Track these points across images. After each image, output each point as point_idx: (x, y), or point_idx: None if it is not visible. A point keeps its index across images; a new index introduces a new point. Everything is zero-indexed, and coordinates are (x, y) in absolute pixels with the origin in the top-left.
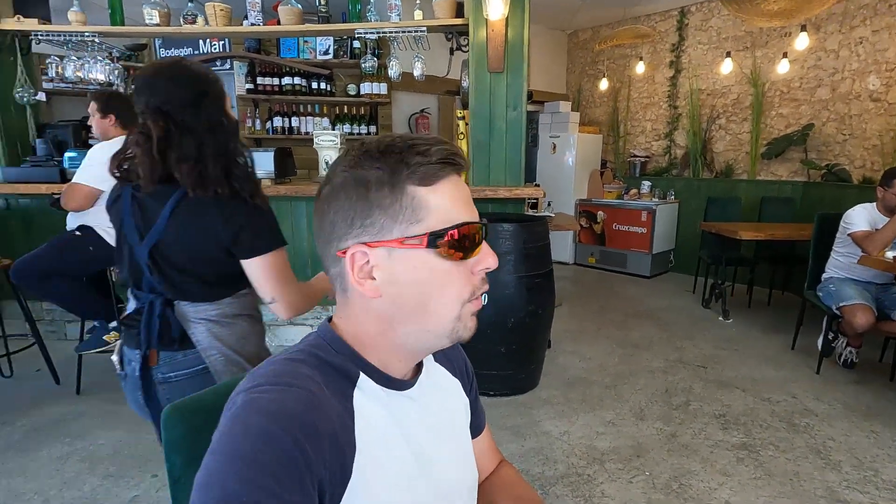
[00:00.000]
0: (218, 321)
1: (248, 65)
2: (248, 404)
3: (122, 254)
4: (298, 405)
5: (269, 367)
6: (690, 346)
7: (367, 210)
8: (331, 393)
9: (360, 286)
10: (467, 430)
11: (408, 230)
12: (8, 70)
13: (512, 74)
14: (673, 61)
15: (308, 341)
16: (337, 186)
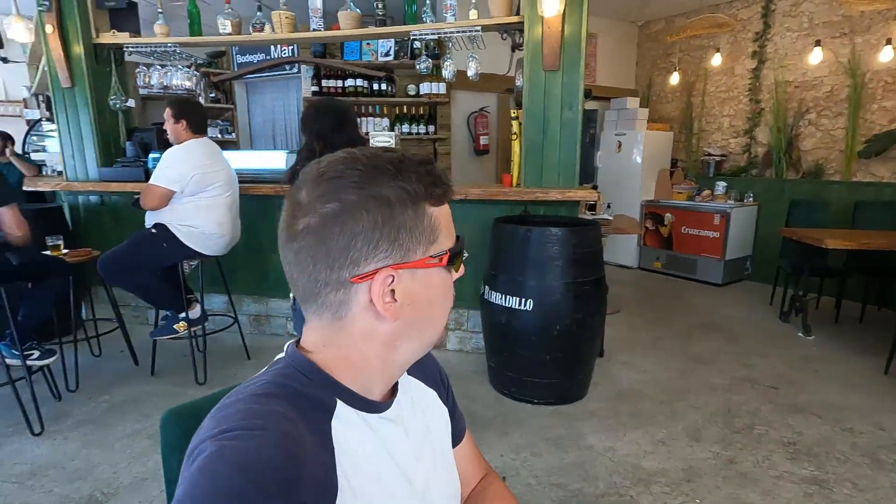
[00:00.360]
0: None
1: (313, 68)
2: (218, 454)
3: None
4: (273, 453)
5: (236, 406)
6: (762, 364)
7: (394, 231)
8: (307, 428)
9: (385, 310)
10: (449, 442)
11: (429, 250)
12: (104, 79)
13: (568, 72)
14: (756, 51)
15: (276, 370)
16: (351, 205)
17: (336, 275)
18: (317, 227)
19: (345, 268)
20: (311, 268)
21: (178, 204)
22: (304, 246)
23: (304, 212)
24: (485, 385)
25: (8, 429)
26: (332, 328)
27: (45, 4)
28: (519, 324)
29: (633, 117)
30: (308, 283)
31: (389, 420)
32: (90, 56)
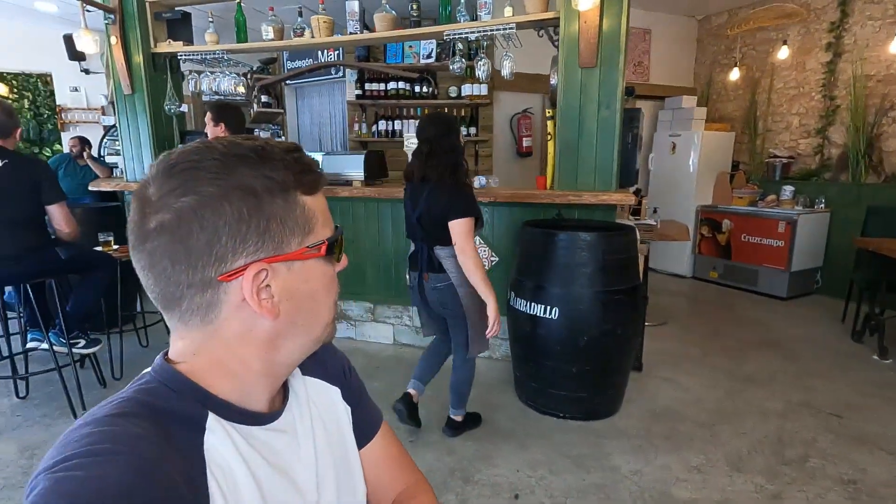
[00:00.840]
0: (451, 257)
1: (357, 72)
2: (52, 489)
3: (408, 220)
4: (122, 479)
5: (84, 429)
6: (825, 388)
7: (263, 222)
8: (172, 449)
9: (260, 308)
10: (352, 445)
11: (304, 240)
12: (161, 86)
13: (606, 69)
14: (831, 43)
15: (138, 386)
16: (211, 198)
17: (200, 275)
18: (172, 225)
19: (209, 266)
20: (170, 270)
21: None
22: (159, 246)
23: (154, 209)
24: (509, 395)
25: (55, 412)
26: (203, 333)
27: (110, 17)
28: (544, 333)
29: (690, 117)
30: (167, 286)
31: (275, 430)
32: (148, 64)
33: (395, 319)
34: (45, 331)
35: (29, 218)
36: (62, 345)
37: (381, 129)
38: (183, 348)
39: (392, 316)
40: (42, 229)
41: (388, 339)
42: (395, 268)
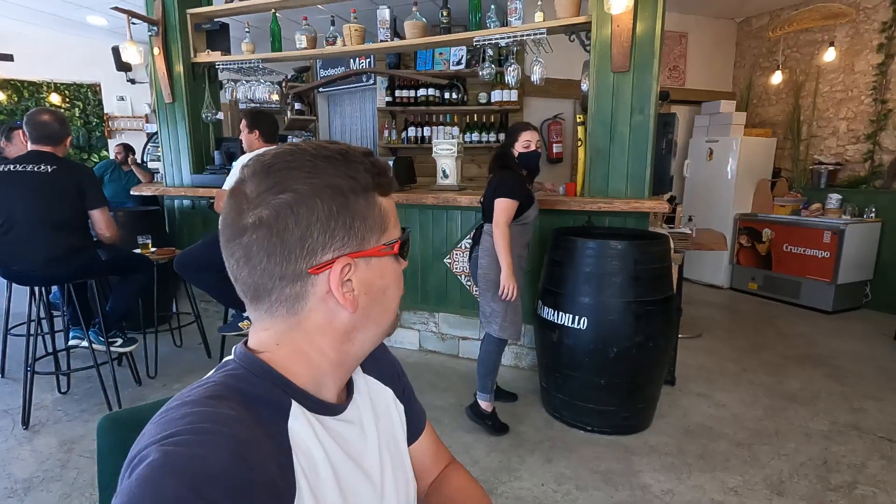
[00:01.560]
0: (489, 233)
1: (388, 79)
2: (162, 462)
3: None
4: (223, 460)
5: (183, 408)
6: (875, 410)
7: (349, 219)
8: (262, 431)
9: (343, 300)
10: (405, 440)
11: (381, 238)
12: (199, 95)
13: (639, 73)
14: (883, 44)
15: (226, 371)
16: (305, 195)
17: (292, 267)
18: (270, 220)
19: (301, 259)
20: (265, 262)
21: None
22: (256, 240)
23: (252, 205)
24: (535, 406)
25: (94, 407)
26: (287, 324)
27: (153, 30)
28: (572, 343)
29: (728, 122)
30: (261, 278)
31: (348, 422)
32: (188, 74)
33: (420, 325)
34: (85, 329)
35: (74, 221)
36: (101, 343)
37: (411, 135)
38: (266, 339)
39: (418, 322)
40: (86, 232)
41: (414, 344)
42: (421, 273)
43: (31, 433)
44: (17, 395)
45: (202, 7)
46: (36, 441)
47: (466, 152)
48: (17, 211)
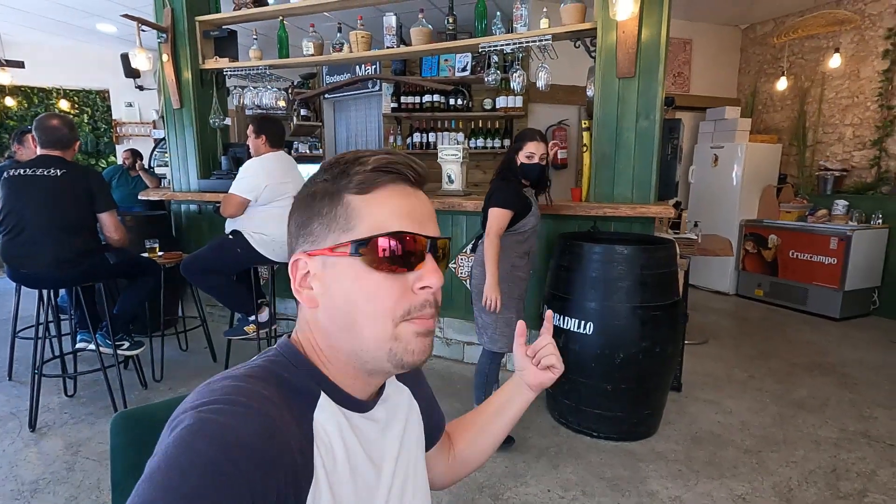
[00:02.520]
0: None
1: (394, 85)
2: (198, 427)
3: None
4: (254, 433)
5: (224, 381)
6: (885, 417)
7: (308, 220)
8: (290, 415)
9: (299, 294)
10: (423, 444)
11: (339, 238)
12: (207, 101)
13: (645, 79)
14: (889, 50)
15: (267, 356)
16: (295, 204)
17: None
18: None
19: (290, 256)
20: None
21: (253, 213)
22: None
23: None
24: (542, 412)
25: (100, 410)
26: (301, 316)
27: (162, 37)
28: (578, 348)
29: (733, 128)
30: None
31: (373, 420)
32: (196, 80)
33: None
34: (92, 332)
35: (83, 224)
36: (108, 346)
37: (416, 141)
38: (297, 328)
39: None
40: (94, 235)
41: None
42: None
43: (38, 436)
44: (25, 398)
45: (211, 14)
46: (42, 443)
47: (471, 158)
48: (28, 214)
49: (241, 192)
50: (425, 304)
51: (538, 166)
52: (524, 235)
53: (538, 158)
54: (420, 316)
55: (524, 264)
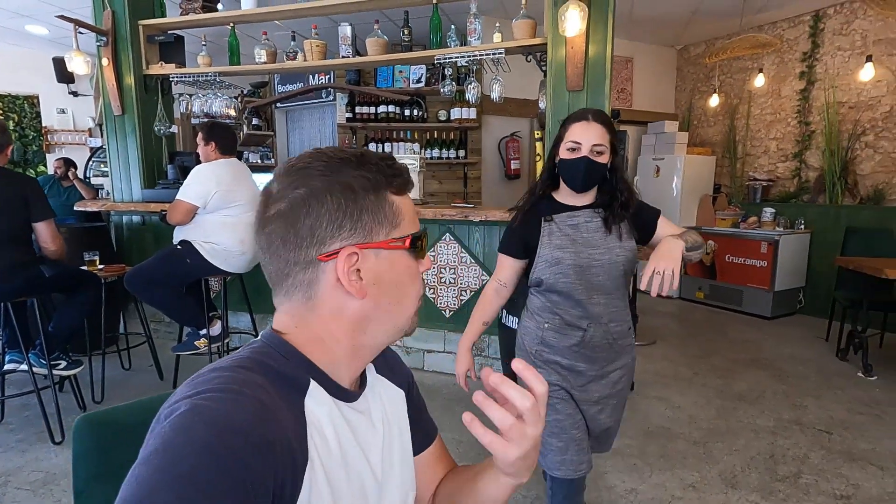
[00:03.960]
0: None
1: (348, 95)
2: (193, 412)
3: None
4: (248, 417)
5: (213, 373)
6: (814, 406)
7: (356, 213)
8: (282, 402)
9: (351, 286)
10: (409, 444)
11: (391, 233)
12: (152, 108)
13: (592, 93)
14: (804, 72)
15: (253, 347)
16: (318, 190)
17: (304, 254)
18: (286, 211)
19: (312, 247)
20: (281, 249)
21: (203, 221)
22: (275, 229)
23: (274, 199)
24: None
25: (32, 436)
26: (304, 308)
27: (102, 40)
28: None
29: (672, 141)
30: (278, 264)
31: (358, 411)
32: (140, 86)
33: None
34: (24, 351)
35: (17, 234)
36: (42, 366)
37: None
38: (287, 321)
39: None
40: (29, 246)
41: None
42: None
43: None
44: None
45: (155, 19)
46: None
47: (427, 168)
48: None
49: (188, 198)
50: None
51: (583, 163)
52: (548, 296)
53: (588, 150)
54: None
55: (567, 346)
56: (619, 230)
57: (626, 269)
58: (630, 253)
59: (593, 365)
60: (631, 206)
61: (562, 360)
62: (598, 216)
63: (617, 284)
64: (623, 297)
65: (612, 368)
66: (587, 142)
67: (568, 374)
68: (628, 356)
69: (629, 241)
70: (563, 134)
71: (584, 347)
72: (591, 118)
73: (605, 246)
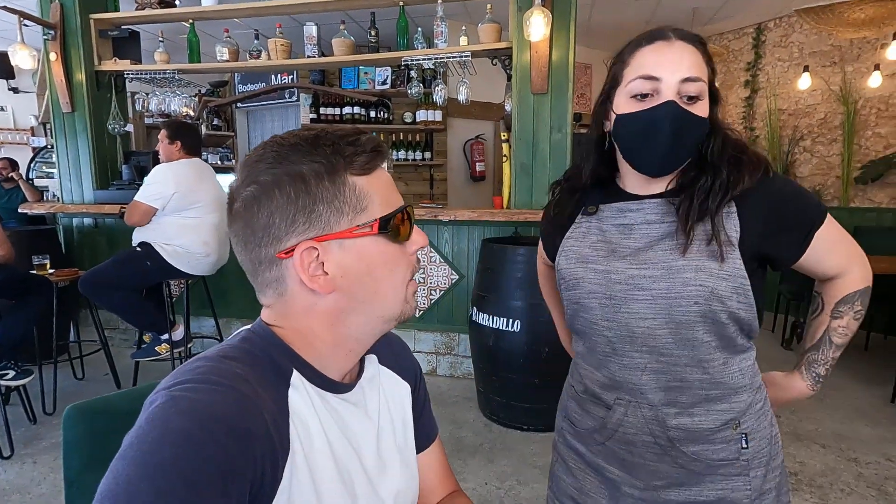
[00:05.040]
0: None
1: (312, 96)
2: (169, 404)
3: None
4: (227, 408)
5: (197, 363)
6: None
7: (310, 205)
8: (265, 393)
9: (314, 283)
10: (412, 440)
11: (355, 219)
12: (105, 105)
13: (556, 96)
14: (749, 81)
15: (241, 337)
16: (266, 185)
17: (264, 252)
18: (241, 211)
19: (270, 245)
20: (244, 249)
21: (164, 222)
22: (236, 230)
23: (233, 198)
24: (473, 411)
25: None
26: (279, 304)
27: (50, 33)
28: (506, 346)
29: None
30: (247, 263)
31: (350, 403)
32: (91, 82)
33: None
34: None
35: None
36: None
37: None
38: (270, 314)
39: None
40: None
41: None
42: None
43: None
44: None
45: (108, 13)
46: None
47: (394, 169)
48: None
49: (146, 199)
50: (417, 264)
51: (667, 114)
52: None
53: (673, 91)
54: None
55: (587, 431)
56: (705, 238)
57: (712, 313)
58: (725, 283)
59: (631, 476)
60: (737, 188)
61: (585, 451)
62: (670, 214)
63: (686, 339)
64: (709, 369)
65: (680, 499)
66: (672, 73)
67: (597, 478)
68: (727, 486)
69: (725, 260)
70: (620, 70)
71: (612, 440)
72: (672, 36)
73: (665, 264)
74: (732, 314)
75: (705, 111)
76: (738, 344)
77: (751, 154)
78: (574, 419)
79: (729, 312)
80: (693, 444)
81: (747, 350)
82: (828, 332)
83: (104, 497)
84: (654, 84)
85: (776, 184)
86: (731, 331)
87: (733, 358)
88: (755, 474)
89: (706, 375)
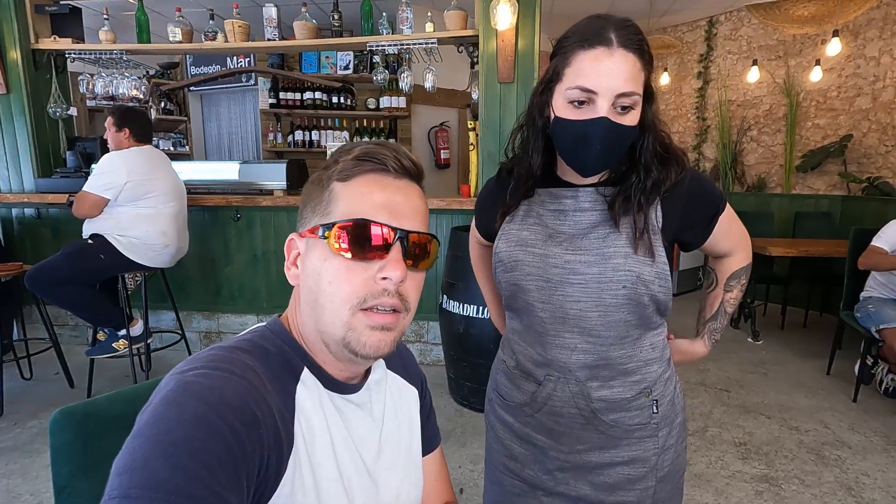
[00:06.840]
0: None
1: (270, 80)
2: (184, 387)
3: None
4: (237, 395)
5: (211, 351)
6: (715, 369)
7: (304, 203)
8: (273, 387)
9: (287, 270)
10: (418, 445)
11: (319, 221)
12: (44, 87)
13: (522, 84)
14: (701, 72)
15: (255, 332)
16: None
17: None
18: None
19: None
20: None
21: (117, 213)
22: None
23: None
24: (444, 397)
25: None
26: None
27: None
28: (476, 332)
29: None
30: None
31: (355, 404)
32: (28, 61)
33: None
34: None
35: None
36: None
37: (298, 139)
38: (288, 309)
39: None
40: None
41: None
42: None
43: None
44: None
45: None
46: None
47: None
48: None
49: (95, 189)
50: (383, 294)
51: (600, 128)
52: (509, 318)
53: (608, 106)
54: (377, 306)
55: (517, 404)
56: (632, 227)
57: (637, 296)
58: (649, 269)
59: (558, 443)
60: (664, 186)
61: (513, 421)
62: (600, 202)
63: (612, 320)
64: (627, 345)
65: (600, 461)
66: (607, 89)
67: (525, 447)
68: (639, 447)
69: (652, 250)
70: (561, 68)
71: (541, 413)
72: (615, 41)
73: (598, 251)
74: (653, 297)
75: (636, 119)
76: (653, 321)
77: (674, 152)
78: (504, 392)
79: (651, 295)
80: (612, 413)
81: (659, 326)
82: (723, 304)
83: (121, 472)
84: (590, 96)
85: (690, 177)
86: (649, 311)
87: (647, 334)
88: (662, 433)
89: (624, 351)
